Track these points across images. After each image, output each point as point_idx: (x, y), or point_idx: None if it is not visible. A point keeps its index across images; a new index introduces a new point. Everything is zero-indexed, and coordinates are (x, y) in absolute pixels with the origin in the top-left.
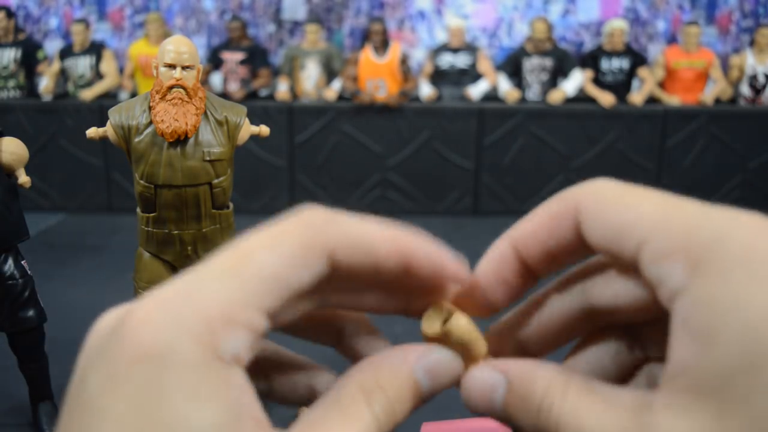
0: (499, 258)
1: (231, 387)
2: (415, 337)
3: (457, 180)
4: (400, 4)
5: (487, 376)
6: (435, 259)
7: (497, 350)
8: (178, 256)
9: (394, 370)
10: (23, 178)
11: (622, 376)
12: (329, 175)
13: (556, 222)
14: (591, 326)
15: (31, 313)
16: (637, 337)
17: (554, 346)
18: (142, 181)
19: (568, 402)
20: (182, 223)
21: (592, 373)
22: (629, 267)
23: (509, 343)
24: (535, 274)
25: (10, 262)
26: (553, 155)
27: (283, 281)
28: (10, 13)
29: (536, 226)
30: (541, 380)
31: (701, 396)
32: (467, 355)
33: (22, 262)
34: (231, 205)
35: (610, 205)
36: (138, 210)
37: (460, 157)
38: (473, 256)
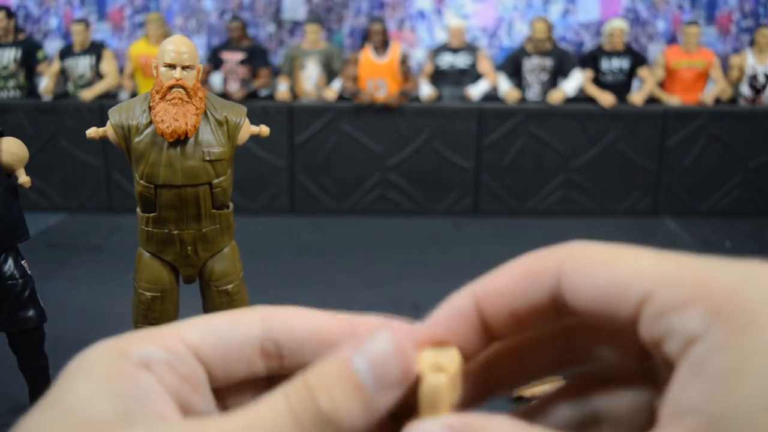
0: (456, 311)
1: (131, 379)
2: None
3: (457, 180)
4: (400, 4)
5: (433, 428)
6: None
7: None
8: (178, 256)
9: (323, 364)
10: (23, 178)
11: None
12: (329, 175)
13: (529, 281)
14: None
15: (31, 313)
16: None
17: (521, 384)
18: (142, 181)
19: None
20: (182, 223)
21: (553, 426)
22: (618, 327)
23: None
24: (493, 334)
25: (10, 262)
26: (553, 155)
27: (213, 327)
28: (10, 13)
29: (506, 283)
30: (497, 428)
31: None
32: (432, 403)
33: (22, 262)
34: (231, 205)
35: (601, 265)
36: (138, 210)
37: (460, 157)
38: (473, 256)
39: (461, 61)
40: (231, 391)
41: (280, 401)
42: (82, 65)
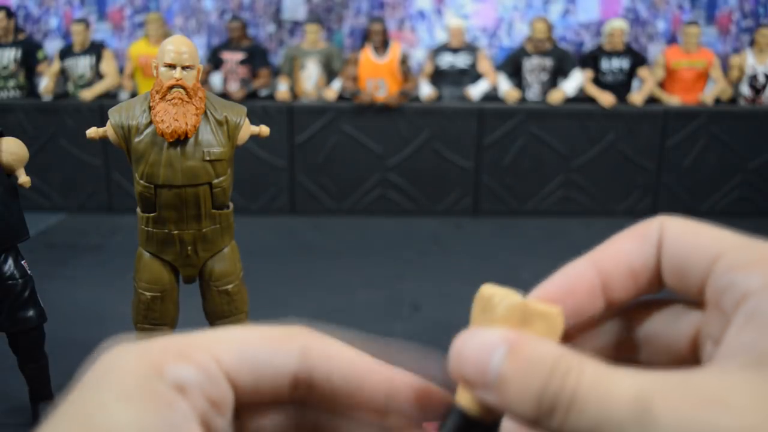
0: (575, 273)
1: (167, 406)
2: (414, 337)
3: (457, 180)
4: (400, 4)
5: (486, 336)
6: (423, 392)
7: None
8: (178, 256)
9: None
10: (23, 178)
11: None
12: (329, 175)
13: (643, 240)
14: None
15: (31, 313)
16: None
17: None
18: (142, 181)
19: (590, 368)
20: (182, 223)
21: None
22: (695, 291)
23: None
24: (610, 297)
25: (10, 262)
26: (553, 155)
27: (250, 351)
28: (10, 13)
29: (622, 243)
30: (552, 347)
31: (763, 367)
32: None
33: (22, 262)
34: (231, 205)
35: (688, 230)
36: (138, 210)
37: (460, 157)
38: (473, 256)
39: (461, 61)
40: (255, 417)
41: None
42: (82, 65)
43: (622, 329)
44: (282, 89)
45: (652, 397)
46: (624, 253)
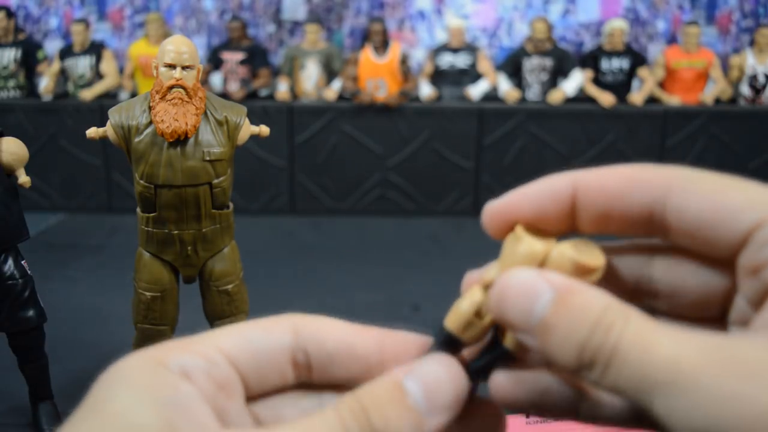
0: (551, 190)
1: (172, 388)
2: (417, 328)
3: (457, 180)
4: (400, 4)
5: (533, 280)
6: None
7: None
8: (178, 256)
9: (374, 385)
10: (23, 178)
11: None
12: (329, 175)
13: (635, 187)
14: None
15: (31, 313)
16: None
17: None
18: (142, 181)
19: (633, 324)
20: (182, 223)
21: None
22: (717, 252)
23: None
24: (574, 227)
25: (10, 262)
26: (553, 155)
27: (246, 334)
28: (10, 13)
29: (610, 181)
30: (598, 298)
31: None
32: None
33: (22, 262)
34: (231, 205)
35: (713, 191)
36: (138, 210)
37: (460, 157)
38: (473, 256)
39: (461, 61)
40: (261, 399)
41: (333, 417)
42: (82, 65)
43: (644, 271)
44: (282, 89)
45: (694, 363)
46: (606, 193)
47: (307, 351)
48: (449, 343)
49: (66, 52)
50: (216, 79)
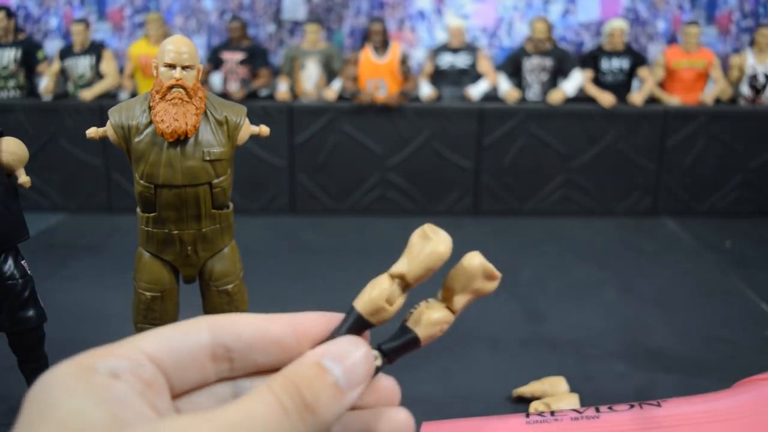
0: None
1: (106, 388)
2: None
3: (457, 180)
4: (400, 4)
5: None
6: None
7: None
8: (178, 256)
9: (298, 362)
10: (23, 178)
11: None
12: (329, 175)
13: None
14: None
15: (31, 313)
16: None
17: None
18: (141, 181)
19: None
20: (182, 223)
21: None
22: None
23: None
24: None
25: (10, 262)
26: (553, 155)
27: (166, 335)
28: (10, 13)
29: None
30: None
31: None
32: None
33: (22, 262)
34: (231, 205)
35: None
36: (138, 210)
37: (460, 157)
38: None
39: (461, 61)
40: (184, 396)
41: (268, 395)
42: (82, 65)
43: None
44: (282, 89)
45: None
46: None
47: (225, 344)
48: (358, 324)
49: (66, 52)
50: (216, 79)
